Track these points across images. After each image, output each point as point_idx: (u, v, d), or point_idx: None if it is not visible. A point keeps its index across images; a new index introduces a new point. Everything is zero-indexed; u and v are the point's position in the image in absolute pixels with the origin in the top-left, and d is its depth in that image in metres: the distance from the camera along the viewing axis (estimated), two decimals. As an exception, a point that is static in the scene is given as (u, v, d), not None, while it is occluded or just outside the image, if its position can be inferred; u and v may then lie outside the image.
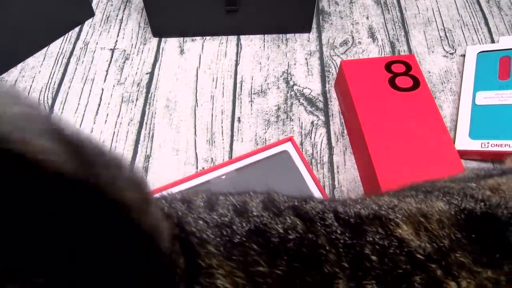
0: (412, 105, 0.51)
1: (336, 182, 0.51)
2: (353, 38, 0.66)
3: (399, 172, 0.45)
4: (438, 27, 0.67)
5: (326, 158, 0.53)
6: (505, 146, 0.49)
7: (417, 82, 0.53)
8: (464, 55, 0.62)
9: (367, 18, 0.69)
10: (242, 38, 0.66)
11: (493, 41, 0.64)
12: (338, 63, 0.63)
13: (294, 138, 0.54)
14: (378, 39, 0.66)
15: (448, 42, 0.65)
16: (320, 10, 0.70)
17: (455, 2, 0.70)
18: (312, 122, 0.56)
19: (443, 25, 0.67)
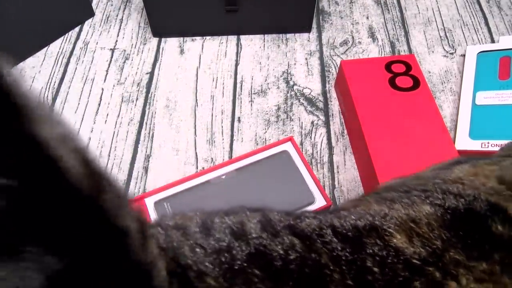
0: (412, 105, 0.51)
1: (336, 182, 0.51)
2: (353, 38, 0.66)
3: (399, 172, 0.45)
4: (438, 27, 0.67)
5: (326, 158, 0.53)
6: (505, 146, 0.49)
7: (417, 82, 0.53)
8: (464, 55, 0.62)
9: (367, 18, 0.69)
10: (242, 38, 0.66)
11: (493, 41, 0.64)
12: (338, 63, 0.63)
13: (294, 138, 0.54)
14: (378, 39, 0.66)
15: (448, 42, 0.65)
16: (320, 10, 0.70)
17: (455, 2, 0.70)
18: (312, 122, 0.56)
19: (443, 25, 0.67)
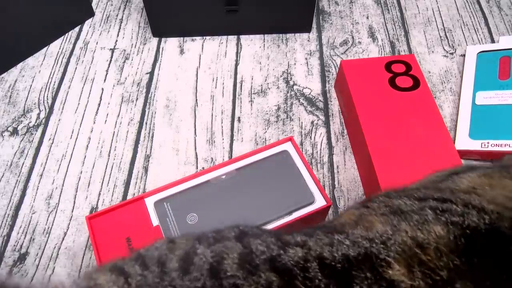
0: (412, 105, 0.51)
1: (336, 182, 0.51)
2: (353, 38, 0.66)
3: (399, 172, 0.45)
4: (438, 27, 0.67)
5: (326, 158, 0.53)
6: (505, 146, 0.49)
7: (417, 82, 0.53)
8: (464, 55, 0.62)
9: (367, 18, 0.69)
10: (242, 38, 0.66)
11: (493, 41, 0.64)
12: (338, 63, 0.63)
13: (294, 138, 0.54)
14: (378, 39, 0.66)
15: (448, 42, 0.65)
16: (320, 10, 0.70)
17: (455, 2, 0.70)
18: (312, 122, 0.56)
19: (443, 25, 0.67)
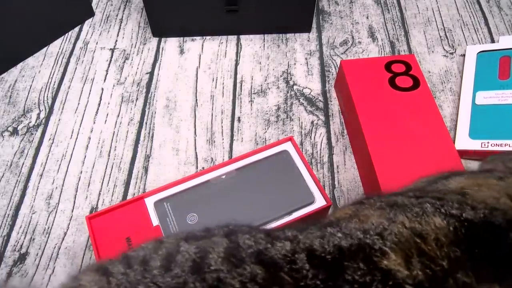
0: (412, 105, 0.51)
1: (336, 182, 0.51)
2: (353, 38, 0.66)
3: (399, 171, 0.45)
4: (438, 27, 0.67)
5: (326, 158, 0.53)
6: (505, 145, 0.49)
7: (417, 82, 0.53)
8: (464, 55, 0.62)
9: (367, 17, 0.69)
10: (242, 38, 0.66)
11: (493, 40, 0.64)
12: (338, 63, 0.63)
13: (294, 138, 0.54)
14: (378, 39, 0.66)
15: (448, 42, 0.65)
16: (320, 10, 0.70)
17: (455, 2, 0.70)
18: (312, 122, 0.56)
19: (443, 25, 0.67)
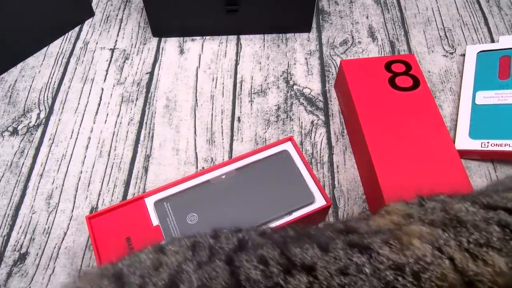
0: (412, 104, 0.51)
1: (336, 182, 0.51)
2: (353, 37, 0.66)
3: (399, 171, 0.45)
4: (438, 27, 0.67)
5: (326, 158, 0.53)
6: (505, 145, 0.49)
7: (417, 82, 0.53)
8: (464, 55, 0.62)
9: (367, 17, 0.69)
10: (242, 38, 0.66)
11: (493, 40, 0.64)
12: (338, 63, 0.63)
13: (294, 137, 0.54)
14: (378, 39, 0.66)
15: (448, 42, 0.65)
16: (320, 10, 0.70)
17: (455, 2, 0.70)
18: (312, 122, 0.56)
19: (443, 24, 0.67)
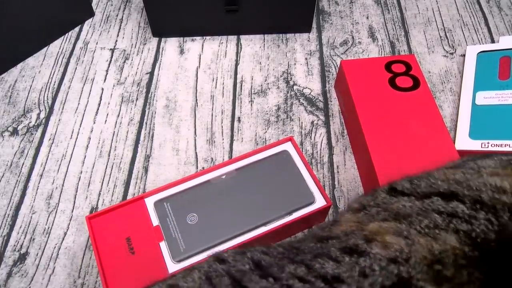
0: (412, 105, 0.51)
1: (336, 182, 0.51)
2: (353, 38, 0.66)
3: (399, 172, 0.45)
4: (438, 27, 0.67)
5: (326, 158, 0.53)
6: (505, 146, 0.49)
7: (417, 82, 0.53)
8: (464, 55, 0.62)
9: (367, 18, 0.69)
10: (242, 38, 0.66)
11: (493, 41, 0.64)
12: (338, 63, 0.63)
13: (294, 138, 0.54)
14: (378, 39, 0.66)
15: (448, 42, 0.65)
16: (320, 10, 0.70)
17: (455, 2, 0.70)
18: (312, 122, 0.56)
19: (443, 25, 0.67)
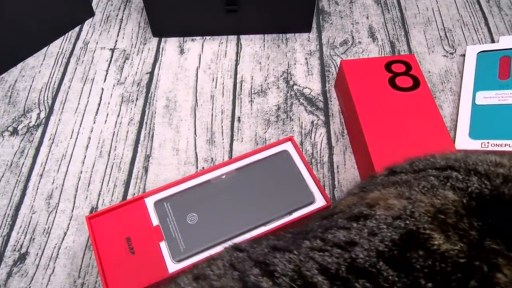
0: (412, 105, 0.51)
1: (336, 182, 0.51)
2: (353, 38, 0.66)
3: (399, 172, 0.45)
4: (438, 27, 0.67)
5: (326, 158, 0.53)
6: (505, 146, 0.49)
7: (417, 82, 0.53)
8: (464, 55, 0.62)
9: (367, 18, 0.69)
10: (242, 38, 0.66)
11: (493, 41, 0.64)
12: (338, 63, 0.63)
13: (294, 137, 0.54)
14: (378, 39, 0.66)
15: (448, 42, 0.65)
16: (320, 10, 0.70)
17: (455, 2, 0.70)
18: (312, 122, 0.56)
19: (443, 24, 0.67)
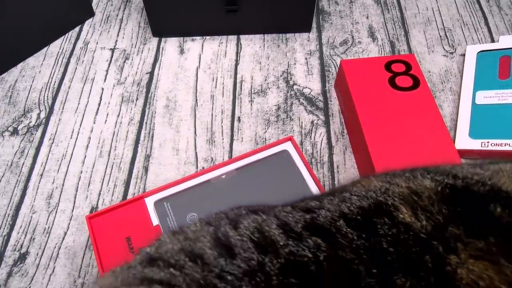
0: (412, 104, 0.51)
1: (336, 182, 0.51)
2: (353, 37, 0.66)
3: (399, 171, 0.45)
4: (438, 27, 0.67)
5: (326, 158, 0.53)
6: (505, 145, 0.49)
7: (417, 82, 0.53)
8: (464, 55, 0.62)
9: (367, 17, 0.69)
10: (242, 37, 0.66)
11: (493, 40, 0.64)
12: (338, 63, 0.63)
13: (294, 137, 0.54)
14: (378, 39, 0.66)
15: (448, 42, 0.65)
16: (320, 10, 0.70)
17: (455, 2, 0.70)
18: (312, 122, 0.56)
19: (443, 24, 0.67)
